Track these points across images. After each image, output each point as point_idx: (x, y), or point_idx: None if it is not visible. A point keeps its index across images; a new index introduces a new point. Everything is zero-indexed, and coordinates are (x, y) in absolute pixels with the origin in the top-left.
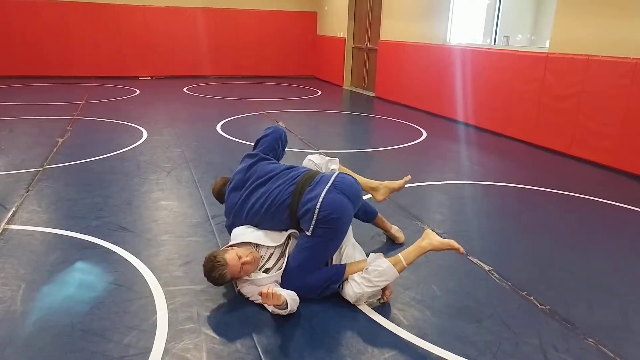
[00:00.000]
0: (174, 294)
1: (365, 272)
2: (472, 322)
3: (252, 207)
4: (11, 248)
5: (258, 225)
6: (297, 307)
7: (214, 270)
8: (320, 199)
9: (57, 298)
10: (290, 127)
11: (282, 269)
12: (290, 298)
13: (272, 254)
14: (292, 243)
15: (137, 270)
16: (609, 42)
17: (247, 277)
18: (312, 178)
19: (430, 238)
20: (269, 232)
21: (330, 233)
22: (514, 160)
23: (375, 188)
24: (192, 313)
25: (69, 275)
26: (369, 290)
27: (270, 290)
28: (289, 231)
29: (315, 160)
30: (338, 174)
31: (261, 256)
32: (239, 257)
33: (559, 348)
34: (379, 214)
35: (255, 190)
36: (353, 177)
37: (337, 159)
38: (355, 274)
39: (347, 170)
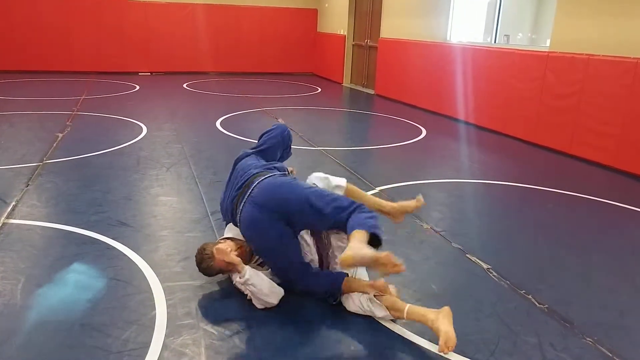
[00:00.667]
0: (173, 290)
1: (365, 303)
2: (471, 320)
3: (225, 210)
4: (11, 242)
5: None
6: (289, 300)
7: (202, 262)
8: (238, 218)
9: (56, 292)
10: (289, 124)
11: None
12: (257, 274)
13: None
14: None
15: (136, 265)
16: (610, 41)
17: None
18: (248, 187)
19: (439, 324)
20: None
21: (262, 252)
22: (514, 159)
23: (389, 212)
24: (190, 309)
25: (68, 270)
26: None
27: (223, 247)
28: None
29: (319, 184)
30: (262, 179)
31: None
32: (227, 251)
33: (557, 347)
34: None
35: (228, 193)
36: (279, 181)
37: (345, 179)
38: (356, 298)
39: (358, 191)
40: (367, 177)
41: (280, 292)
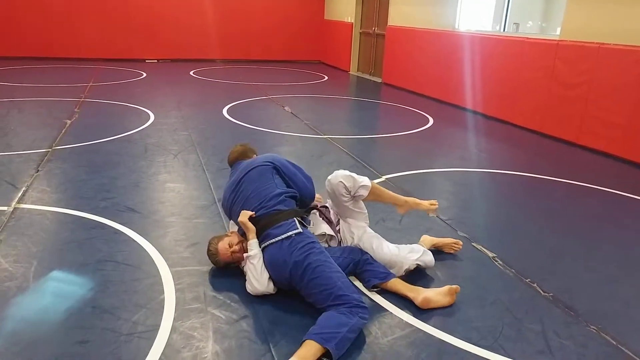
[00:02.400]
0: (181, 275)
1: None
2: (475, 307)
3: (230, 214)
4: (22, 226)
5: None
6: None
7: (209, 257)
8: None
9: (67, 276)
10: (296, 112)
11: None
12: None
13: None
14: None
15: (145, 250)
16: (621, 29)
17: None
18: (260, 233)
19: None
20: None
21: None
22: (521, 148)
23: (401, 205)
24: (199, 293)
25: (78, 254)
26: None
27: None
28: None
29: (346, 183)
30: (271, 243)
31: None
32: (230, 246)
33: (560, 334)
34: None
35: (237, 204)
36: (285, 264)
37: (368, 179)
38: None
39: (379, 188)
40: (374, 166)
41: (270, 286)
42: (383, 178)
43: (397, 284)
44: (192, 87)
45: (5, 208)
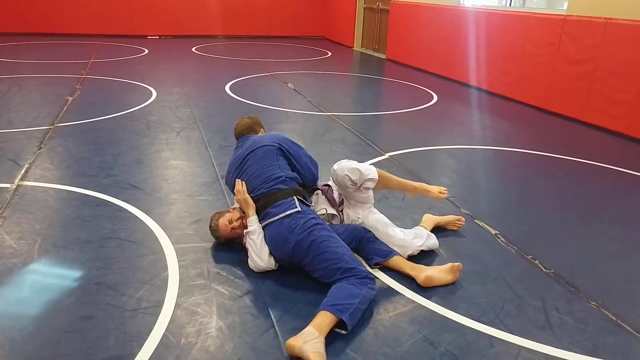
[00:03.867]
0: (185, 251)
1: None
2: (477, 284)
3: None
4: (26, 204)
5: None
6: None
7: (211, 233)
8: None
9: (71, 252)
10: (299, 88)
11: None
12: (261, 235)
13: None
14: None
15: (148, 227)
16: (629, 4)
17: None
18: (260, 211)
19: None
20: None
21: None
22: (526, 125)
23: (410, 191)
24: (202, 269)
25: (82, 231)
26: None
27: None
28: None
29: (352, 177)
30: (273, 221)
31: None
32: (230, 222)
33: (561, 310)
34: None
35: (240, 178)
36: (285, 239)
37: (375, 170)
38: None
39: (387, 175)
40: (377, 143)
41: (271, 262)
42: (386, 155)
43: (400, 262)
44: (194, 63)
45: (8, 185)
